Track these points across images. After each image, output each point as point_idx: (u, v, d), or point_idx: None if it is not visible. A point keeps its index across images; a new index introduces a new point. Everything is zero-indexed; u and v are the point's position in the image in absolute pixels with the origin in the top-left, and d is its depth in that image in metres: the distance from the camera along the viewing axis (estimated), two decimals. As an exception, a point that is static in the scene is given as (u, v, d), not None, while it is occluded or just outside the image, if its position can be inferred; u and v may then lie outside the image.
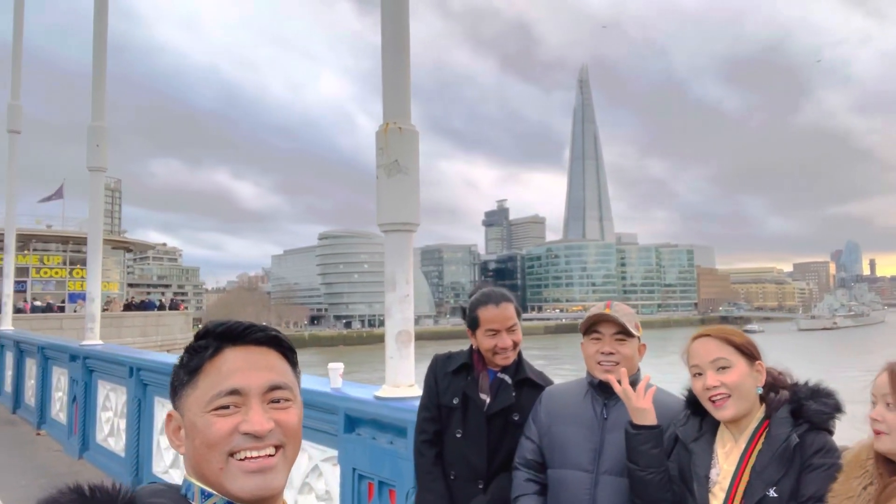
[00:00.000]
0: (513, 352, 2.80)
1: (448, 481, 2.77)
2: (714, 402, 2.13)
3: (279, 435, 1.15)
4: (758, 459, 2.08)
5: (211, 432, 1.12)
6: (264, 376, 1.17)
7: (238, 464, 1.12)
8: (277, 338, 1.24)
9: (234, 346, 1.19)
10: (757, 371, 2.18)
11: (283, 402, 1.18)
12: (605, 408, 2.52)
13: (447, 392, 2.84)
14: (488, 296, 2.86)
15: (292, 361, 1.26)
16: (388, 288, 4.09)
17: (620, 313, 2.52)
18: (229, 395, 1.14)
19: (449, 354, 2.98)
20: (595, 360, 2.53)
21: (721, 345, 2.17)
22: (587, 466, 2.44)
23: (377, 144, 4.13)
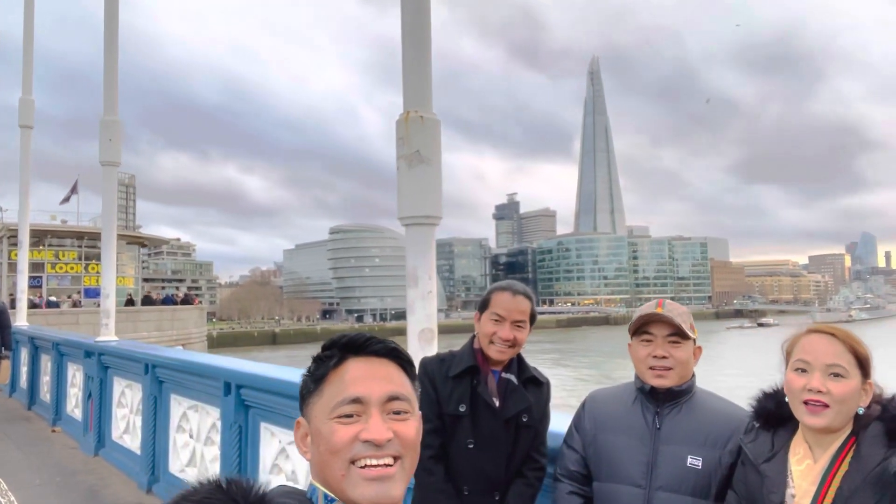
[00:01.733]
0: (510, 350, 2.58)
1: (462, 498, 2.53)
2: (808, 406, 1.89)
3: (397, 446, 1.18)
4: (845, 482, 1.83)
5: (334, 439, 1.16)
6: (384, 387, 1.20)
7: (359, 471, 1.15)
8: (396, 350, 1.27)
9: (356, 357, 1.24)
10: (864, 391, 1.93)
11: (402, 414, 1.21)
12: (656, 416, 2.31)
13: (451, 399, 2.57)
14: (509, 284, 2.68)
15: (411, 375, 1.29)
16: (409, 284, 3.91)
17: (674, 312, 2.30)
18: (351, 403, 1.17)
19: (440, 357, 2.74)
20: (646, 364, 2.31)
21: (844, 350, 1.91)
22: (639, 481, 2.23)
23: (397, 134, 3.94)
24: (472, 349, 2.66)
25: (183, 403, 6.66)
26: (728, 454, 2.18)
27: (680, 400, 2.30)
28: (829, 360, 1.87)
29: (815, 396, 1.85)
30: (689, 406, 2.29)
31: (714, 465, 2.17)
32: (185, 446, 6.54)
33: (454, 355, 2.69)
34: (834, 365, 1.87)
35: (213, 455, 6.03)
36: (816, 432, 1.90)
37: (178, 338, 34.85)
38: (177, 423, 6.71)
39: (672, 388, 2.28)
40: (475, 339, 2.68)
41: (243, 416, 5.39)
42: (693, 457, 2.19)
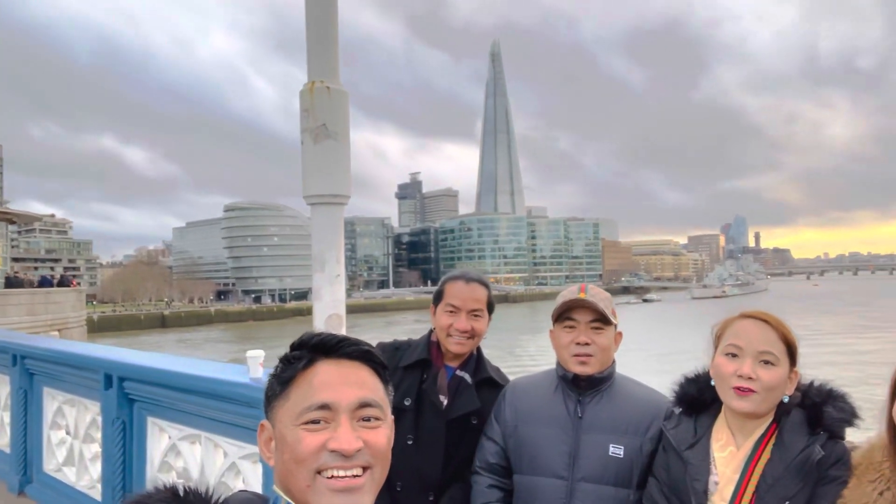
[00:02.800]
0: (469, 341, 2.47)
1: (394, 494, 2.40)
2: (736, 391, 1.87)
3: (367, 455, 1.13)
4: (768, 469, 1.84)
5: (300, 448, 1.10)
6: (355, 393, 1.15)
7: (325, 482, 1.10)
8: (370, 353, 1.22)
9: (326, 359, 1.18)
10: (790, 379, 1.93)
11: (373, 421, 1.16)
12: (578, 405, 2.25)
13: (397, 390, 2.41)
14: (463, 273, 2.57)
15: (385, 378, 1.24)
16: (316, 267, 3.66)
17: (598, 298, 2.24)
18: (319, 409, 1.12)
19: (395, 345, 2.59)
20: (569, 351, 2.24)
21: (776, 338, 1.89)
22: (561, 473, 2.16)
23: (301, 106, 3.65)
24: (427, 341, 2.53)
25: (57, 398, 6.06)
26: (649, 441, 2.15)
27: (601, 387, 2.25)
28: (762, 347, 1.86)
29: (745, 383, 1.84)
30: (610, 393, 2.25)
31: (636, 452, 2.14)
32: (62, 444, 5.98)
33: (410, 345, 2.56)
34: (766, 352, 1.86)
35: (94, 453, 5.53)
36: (740, 418, 1.90)
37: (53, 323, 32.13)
38: (51, 418, 6.12)
39: (594, 375, 2.23)
40: (433, 331, 2.55)
41: (127, 411, 4.95)
42: (615, 445, 2.15)
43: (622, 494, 2.12)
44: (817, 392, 1.93)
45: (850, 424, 1.87)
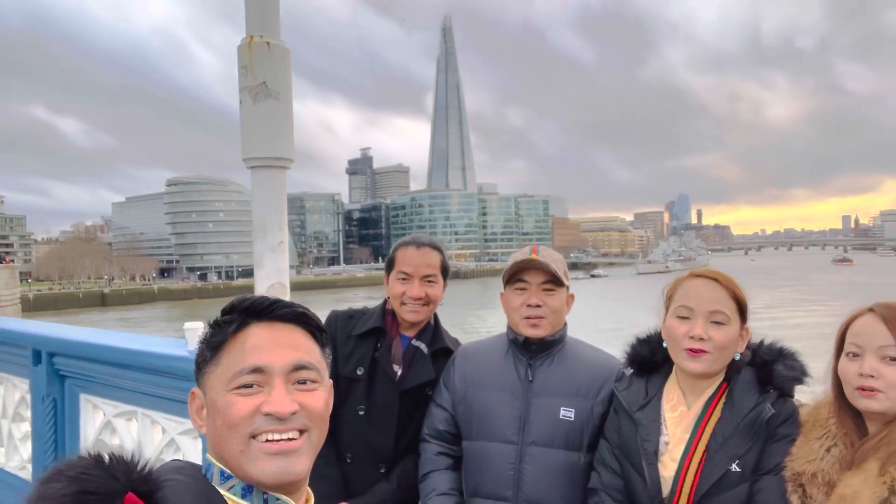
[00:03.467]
0: (425, 308, 2.38)
1: (343, 465, 2.32)
2: (689, 352, 1.84)
3: (304, 419, 1.11)
4: (718, 428, 1.82)
5: (231, 412, 1.08)
6: (289, 355, 1.12)
7: (259, 445, 1.07)
8: (305, 315, 1.18)
9: (259, 322, 1.15)
10: (741, 336, 1.91)
11: (309, 384, 1.14)
12: (529, 369, 2.19)
13: (349, 360, 2.35)
14: (413, 238, 2.46)
15: (321, 341, 1.21)
16: (257, 235, 3.49)
17: (549, 259, 2.18)
18: (252, 373, 1.09)
19: (350, 313, 2.48)
20: (520, 313, 2.18)
21: (726, 296, 1.86)
22: (511, 437, 2.12)
23: (239, 62, 3.45)
24: (382, 310, 2.42)
25: (-17, 376, 5.70)
26: (600, 404, 2.12)
27: (552, 350, 2.21)
28: (712, 307, 1.84)
29: (697, 344, 1.82)
30: (562, 356, 2.21)
31: (586, 415, 2.11)
32: (-11, 426, 5.63)
33: (364, 313, 2.45)
34: (716, 312, 1.83)
35: (24, 432, 5.25)
36: (691, 378, 1.88)
37: (-17, 301, 30.63)
38: (-24, 399, 5.75)
39: (545, 338, 2.18)
40: (389, 299, 2.44)
41: (58, 388, 4.69)
42: (565, 409, 2.11)
43: (572, 458, 2.09)
44: (768, 350, 1.92)
45: (800, 382, 1.86)
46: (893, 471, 1.51)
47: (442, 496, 2.20)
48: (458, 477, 2.25)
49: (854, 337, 1.65)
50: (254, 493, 1.09)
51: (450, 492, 2.21)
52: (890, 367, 1.57)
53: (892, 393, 1.57)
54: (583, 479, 2.08)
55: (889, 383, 1.57)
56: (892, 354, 1.57)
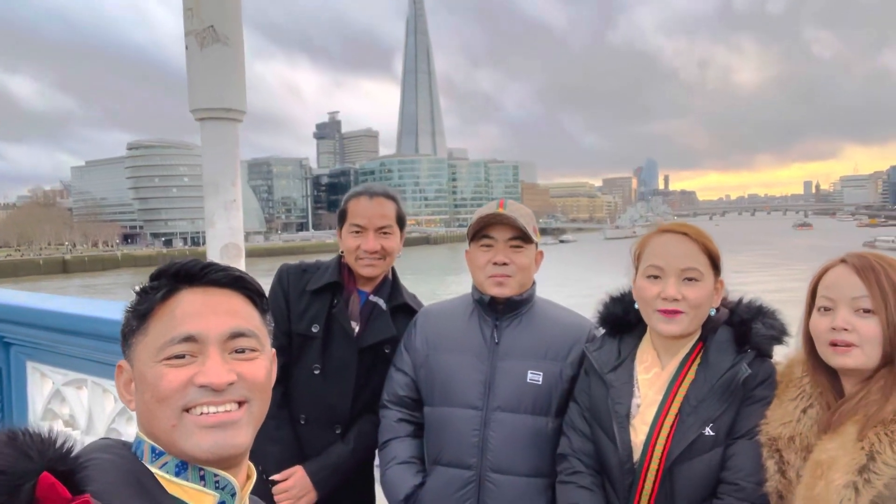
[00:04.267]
0: (381, 262, 2.23)
1: (297, 427, 2.20)
2: (662, 314, 1.73)
3: (242, 389, 1.03)
4: (692, 390, 1.72)
5: (161, 385, 0.99)
6: (225, 322, 1.03)
7: (193, 419, 0.99)
8: (242, 279, 1.10)
9: (190, 288, 1.05)
10: (716, 290, 1.79)
11: (248, 353, 1.05)
12: (495, 330, 2.06)
13: (304, 317, 2.20)
14: (366, 187, 2.30)
15: (261, 307, 1.13)
16: (208, 192, 3.28)
17: (518, 213, 2.03)
18: (184, 342, 1.00)
19: (303, 266, 2.33)
20: (485, 272, 2.04)
21: (697, 251, 1.74)
22: (475, 403, 2.00)
23: (185, 4, 3.18)
24: (338, 264, 2.27)
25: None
26: (570, 366, 2.01)
27: (520, 311, 2.09)
28: (684, 264, 1.72)
29: (671, 305, 1.71)
30: (529, 317, 2.09)
31: (555, 379, 2.00)
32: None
33: (318, 268, 2.30)
34: (689, 269, 1.72)
35: (-30, 403, 5.00)
36: (666, 338, 1.79)
37: (-65, 268, 29.48)
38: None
39: (512, 297, 2.05)
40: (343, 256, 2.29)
41: (3, 356, 4.45)
42: (533, 372, 2.00)
43: (540, 423, 1.99)
44: (746, 309, 1.81)
45: (780, 342, 1.76)
46: (872, 435, 1.41)
47: (402, 465, 2.09)
48: (420, 444, 2.14)
49: (826, 290, 1.55)
50: (189, 470, 1.00)
51: (410, 460, 2.11)
52: (864, 319, 1.48)
53: (868, 347, 1.47)
54: (551, 444, 1.99)
55: (864, 337, 1.47)
56: (865, 306, 1.48)
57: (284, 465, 2.14)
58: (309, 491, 2.12)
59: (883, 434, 1.40)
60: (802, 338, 1.63)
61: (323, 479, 2.13)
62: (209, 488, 1.00)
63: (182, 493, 0.98)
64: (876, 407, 1.43)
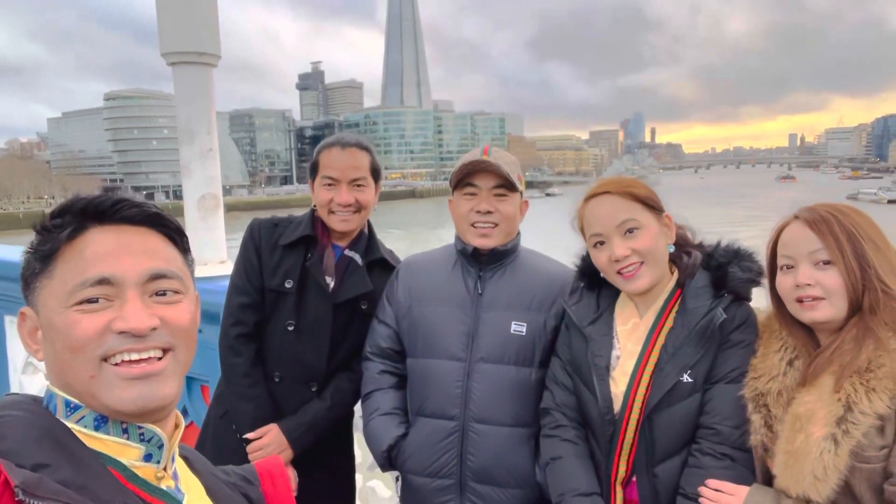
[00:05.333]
0: (355, 215, 2.16)
1: (271, 385, 2.16)
2: (624, 275, 1.71)
3: (166, 335, 0.93)
4: (670, 338, 1.70)
5: (74, 333, 0.88)
6: (143, 262, 0.93)
7: (114, 369, 0.90)
8: (160, 216, 0.99)
9: (101, 226, 0.94)
10: (665, 225, 1.76)
11: (170, 295, 0.96)
12: (479, 281, 2.02)
13: (276, 272, 2.13)
14: (338, 137, 2.20)
15: (182, 247, 1.03)
16: (182, 140, 3.17)
17: (503, 161, 1.96)
18: (97, 285, 0.90)
19: (274, 221, 2.24)
20: (468, 220, 1.99)
21: (625, 203, 1.72)
22: (458, 354, 1.97)
23: (153, -60, 3.01)
24: (311, 217, 2.19)
25: None
26: (553, 317, 1.98)
27: (504, 261, 2.04)
28: (617, 220, 1.71)
29: (624, 264, 1.70)
30: (514, 268, 2.04)
31: (539, 330, 1.97)
32: None
33: (291, 221, 2.22)
34: (624, 222, 1.71)
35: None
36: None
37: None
38: None
39: (496, 248, 2.00)
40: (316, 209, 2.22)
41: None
42: (517, 323, 1.96)
43: (523, 374, 1.97)
44: (723, 252, 1.77)
45: (757, 284, 1.71)
46: (848, 385, 1.41)
47: (385, 416, 2.07)
48: (403, 396, 2.12)
49: (784, 248, 1.55)
50: (109, 424, 0.91)
51: (393, 411, 2.09)
52: (824, 271, 1.48)
53: (835, 299, 1.47)
54: (534, 395, 1.97)
55: (827, 289, 1.47)
56: (824, 258, 1.48)
57: (259, 424, 2.11)
58: (284, 448, 2.10)
59: (858, 384, 1.40)
60: (771, 299, 1.63)
61: (299, 437, 2.11)
62: (133, 441, 0.92)
63: (103, 447, 0.90)
64: (850, 356, 1.43)
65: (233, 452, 2.12)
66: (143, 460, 0.93)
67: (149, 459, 0.93)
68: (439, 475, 1.95)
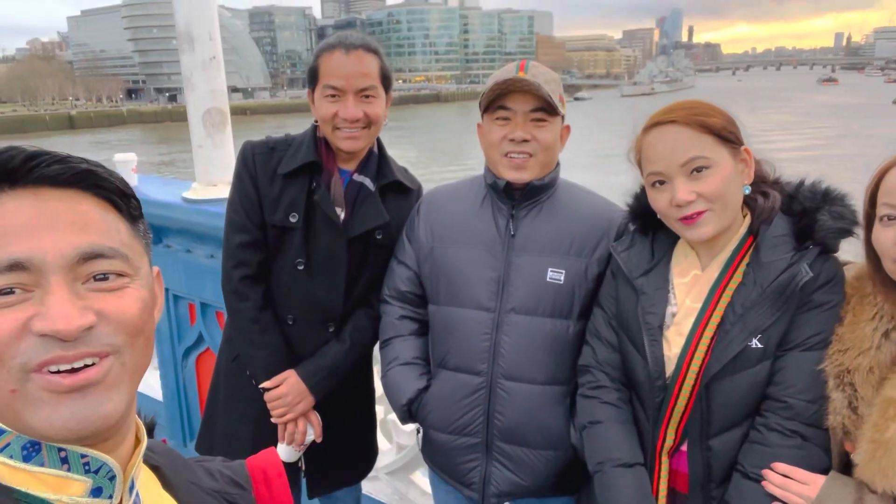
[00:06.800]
0: (364, 132, 1.84)
1: (284, 329, 1.95)
2: (683, 221, 1.44)
3: (106, 335, 0.69)
4: (738, 296, 1.43)
5: None
6: (70, 238, 0.69)
7: (41, 381, 0.67)
8: (92, 172, 0.72)
9: (11, 190, 0.69)
10: (742, 161, 1.46)
11: (113, 280, 0.71)
12: (511, 220, 1.76)
13: (278, 205, 1.87)
14: (339, 38, 1.82)
15: (129, 213, 0.76)
16: (183, 46, 2.86)
17: (542, 78, 1.65)
18: (8, 271, 0.66)
19: (270, 144, 1.93)
20: (500, 150, 1.70)
21: (695, 135, 1.41)
22: (486, 304, 1.74)
23: None
24: (313, 138, 1.89)
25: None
26: (596, 263, 1.73)
27: (540, 198, 1.77)
28: (683, 157, 1.42)
29: (688, 210, 1.42)
30: (551, 204, 1.77)
31: (579, 277, 1.72)
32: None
33: (290, 144, 1.91)
34: (690, 160, 1.42)
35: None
36: None
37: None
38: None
39: (532, 182, 1.73)
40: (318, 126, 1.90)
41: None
42: (554, 269, 1.72)
43: (559, 326, 1.74)
44: (809, 194, 1.46)
45: (850, 234, 1.42)
46: None
47: (405, 366, 1.89)
48: (424, 343, 1.92)
49: (887, 196, 1.27)
50: (44, 452, 0.69)
51: (413, 361, 1.89)
52: None
53: None
54: (571, 350, 1.76)
55: None
56: None
57: (274, 371, 1.93)
58: (305, 396, 1.93)
59: None
60: (866, 255, 1.36)
61: (319, 383, 1.94)
62: (76, 472, 0.70)
63: (36, 482, 0.69)
64: None
65: (248, 401, 1.98)
66: (89, 496, 0.70)
67: (98, 494, 0.71)
68: (464, 433, 1.79)
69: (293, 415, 1.92)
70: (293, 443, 1.95)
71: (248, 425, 2.01)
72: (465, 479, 1.81)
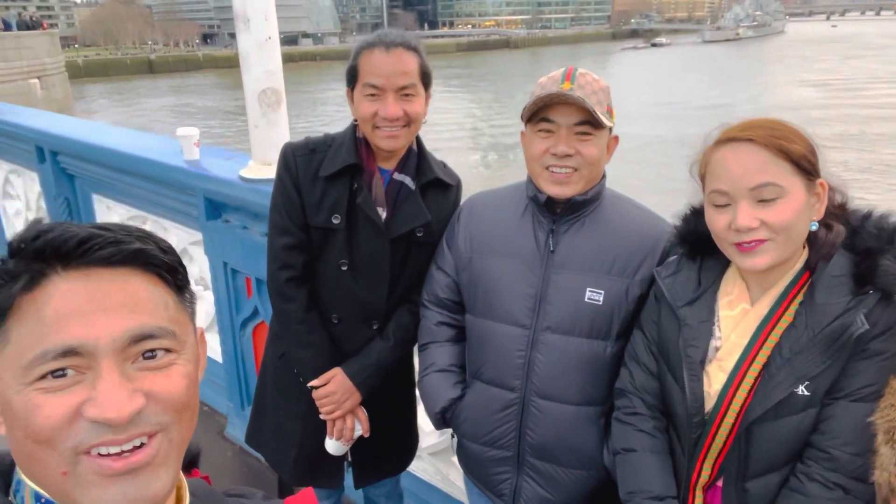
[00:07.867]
0: (404, 130, 1.84)
1: (330, 328, 2.01)
2: (740, 247, 1.34)
3: (156, 415, 0.72)
4: (787, 338, 1.34)
5: (37, 421, 0.68)
6: (121, 322, 0.70)
7: (92, 464, 0.69)
8: (143, 252, 0.73)
9: (65, 271, 0.70)
10: (816, 195, 1.34)
11: (161, 356, 0.73)
12: (551, 235, 1.71)
13: (321, 207, 1.90)
14: (379, 36, 1.80)
15: (176, 282, 0.77)
16: (239, 26, 2.88)
17: (588, 90, 1.57)
18: (61, 357, 0.68)
19: (311, 146, 1.94)
20: (542, 163, 1.65)
21: (772, 159, 1.29)
22: (522, 320, 1.72)
23: None
24: (353, 139, 1.90)
25: (3, 166, 5.58)
26: (638, 284, 1.66)
27: (583, 212, 1.71)
28: (754, 182, 1.30)
29: (748, 237, 1.32)
30: (594, 220, 1.71)
31: (619, 299, 1.67)
32: (18, 214, 5.66)
33: (330, 145, 1.92)
34: (761, 187, 1.30)
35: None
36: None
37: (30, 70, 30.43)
38: (1, 187, 5.71)
39: (574, 197, 1.67)
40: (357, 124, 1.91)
41: (68, 187, 4.49)
42: (593, 290, 1.67)
43: (596, 347, 1.70)
44: (875, 230, 1.32)
45: None
46: None
47: (440, 373, 1.91)
48: (461, 350, 1.92)
49: None
50: None
51: (449, 368, 1.91)
52: None
53: None
54: (608, 370, 1.72)
55: None
56: None
57: (321, 370, 2.00)
58: (352, 393, 1.99)
59: None
60: None
61: (365, 380, 2.00)
62: None
63: None
64: None
65: (296, 397, 2.08)
66: None
67: None
68: (496, 445, 1.80)
69: (341, 412, 2.00)
70: (342, 438, 2.03)
71: (297, 421, 2.11)
72: (497, 489, 1.84)
